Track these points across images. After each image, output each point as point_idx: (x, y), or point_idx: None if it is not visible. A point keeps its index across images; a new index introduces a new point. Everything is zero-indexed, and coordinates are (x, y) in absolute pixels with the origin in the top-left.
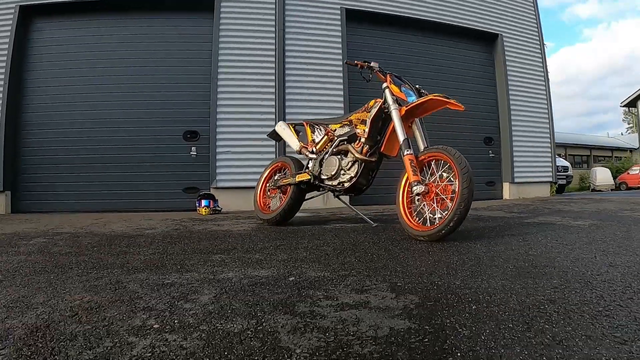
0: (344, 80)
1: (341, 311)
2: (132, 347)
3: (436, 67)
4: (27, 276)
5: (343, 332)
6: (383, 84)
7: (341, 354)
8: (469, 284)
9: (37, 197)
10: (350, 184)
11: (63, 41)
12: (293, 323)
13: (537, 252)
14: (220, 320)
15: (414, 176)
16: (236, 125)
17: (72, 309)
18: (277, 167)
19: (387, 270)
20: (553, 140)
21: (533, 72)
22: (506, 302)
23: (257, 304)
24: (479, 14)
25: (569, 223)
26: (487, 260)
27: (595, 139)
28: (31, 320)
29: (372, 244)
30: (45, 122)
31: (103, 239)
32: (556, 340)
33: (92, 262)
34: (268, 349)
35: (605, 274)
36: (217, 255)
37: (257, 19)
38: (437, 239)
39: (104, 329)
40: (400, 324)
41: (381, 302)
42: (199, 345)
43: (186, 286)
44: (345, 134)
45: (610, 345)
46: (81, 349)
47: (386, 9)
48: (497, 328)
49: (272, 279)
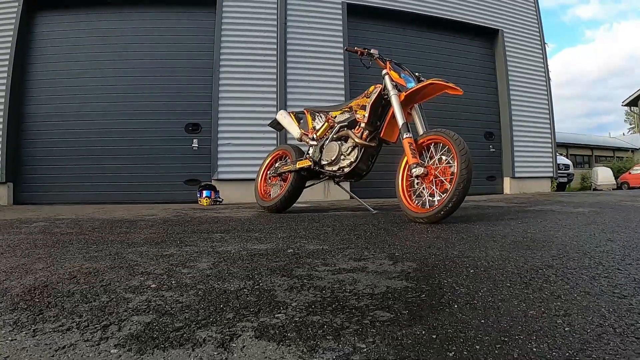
0: (345, 72)
1: (338, 274)
2: (129, 301)
3: (436, 62)
4: (27, 250)
5: (340, 290)
6: (383, 71)
7: (337, 307)
8: (466, 254)
9: (39, 189)
10: (350, 169)
11: (66, 34)
12: (290, 283)
13: (535, 230)
14: (217, 282)
15: (413, 159)
16: (237, 117)
17: (71, 273)
18: (278, 155)
19: (385, 244)
20: (554, 136)
21: (533, 68)
22: (504, 267)
23: (255, 269)
24: (479, 10)
25: (569, 210)
26: (485, 237)
27: (597, 139)
28: (29, 282)
29: (372, 226)
30: (48, 114)
31: (104, 223)
32: (554, 295)
33: (92, 240)
34: (264, 303)
35: (603, 246)
36: (217, 234)
37: (259, 12)
38: (435, 220)
39: (102, 288)
40: (397, 284)
41: (379, 268)
42: (194, 300)
43: (185, 256)
44: (346, 120)
45: (609, 299)
46: (78, 302)
47: (387, 3)
48: (495, 287)
49: (270, 251)
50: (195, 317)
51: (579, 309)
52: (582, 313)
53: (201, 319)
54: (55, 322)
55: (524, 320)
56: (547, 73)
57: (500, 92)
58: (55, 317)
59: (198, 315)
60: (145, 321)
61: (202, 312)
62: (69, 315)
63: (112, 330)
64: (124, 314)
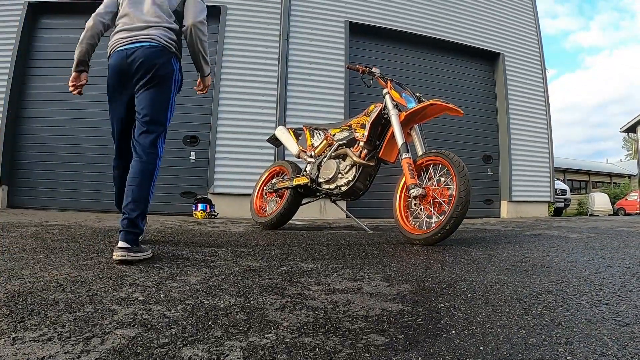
0: (346, 90)
1: (332, 294)
2: (114, 313)
3: (437, 83)
4: (15, 254)
5: (333, 311)
6: (384, 90)
7: (330, 329)
8: (464, 277)
9: (34, 193)
10: (348, 188)
11: (68, 40)
12: (282, 302)
13: (534, 255)
14: (207, 297)
15: (412, 179)
16: (236, 131)
17: (57, 281)
18: (275, 171)
19: (381, 265)
20: (552, 160)
21: (533, 92)
22: (502, 292)
23: (247, 286)
24: (480, 33)
25: (567, 235)
26: (483, 260)
27: (594, 165)
28: (14, 288)
29: (367, 246)
30: (46, 118)
31: (96, 231)
32: (555, 322)
33: (82, 248)
34: (254, 321)
35: (603, 272)
36: (209, 249)
37: (262, 27)
38: (433, 242)
39: (87, 298)
40: (393, 306)
41: (374, 289)
42: (182, 315)
43: (175, 269)
44: (344, 138)
45: (612, 327)
46: (62, 312)
47: (389, 24)
48: (493, 312)
49: (263, 268)
50: (181, 334)
51: (581, 337)
52: (584, 341)
53: (188, 335)
54: (36, 331)
55: (524, 347)
56: (547, 98)
57: (500, 115)
58: (36, 326)
59: (185, 331)
60: (130, 335)
61: (190, 329)
62: (52, 325)
63: (95, 343)
64: (108, 327)
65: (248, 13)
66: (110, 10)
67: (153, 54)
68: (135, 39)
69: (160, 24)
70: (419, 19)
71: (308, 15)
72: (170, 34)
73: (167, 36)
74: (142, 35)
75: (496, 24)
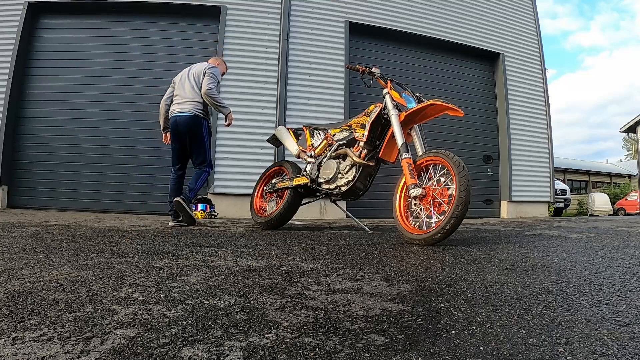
0: (346, 90)
1: (332, 295)
2: (114, 313)
3: (437, 83)
4: (16, 254)
5: (333, 311)
6: (384, 90)
7: (330, 329)
8: (464, 277)
9: (34, 194)
10: (347, 188)
11: (68, 40)
12: (282, 302)
13: (534, 255)
14: (207, 297)
15: (412, 179)
16: (236, 131)
17: (57, 281)
18: (275, 171)
19: (381, 265)
20: (552, 160)
21: (533, 92)
22: (502, 292)
23: (247, 286)
24: (480, 33)
25: (567, 235)
26: (482, 260)
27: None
28: (14, 288)
29: (367, 246)
30: (46, 118)
31: (96, 231)
32: (555, 322)
33: (82, 248)
34: (254, 321)
35: (603, 272)
36: (209, 248)
37: (262, 27)
38: (432, 242)
39: (87, 298)
40: (393, 306)
41: (374, 289)
42: (182, 315)
43: (175, 269)
44: (344, 138)
45: (612, 327)
46: (61, 312)
47: (390, 24)
48: (493, 312)
49: (263, 268)
50: (181, 334)
51: (581, 337)
52: (584, 341)
53: (188, 335)
54: (36, 331)
55: (524, 347)
56: (547, 98)
57: (500, 115)
58: (36, 326)
59: (185, 331)
60: (130, 335)
61: (190, 329)
62: (52, 325)
63: (95, 343)
64: (108, 327)
65: (248, 13)
66: (169, 96)
67: (189, 119)
68: (180, 110)
69: (193, 99)
70: (419, 19)
71: (308, 15)
72: (198, 105)
73: (196, 107)
74: (184, 108)
75: (496, 24)
